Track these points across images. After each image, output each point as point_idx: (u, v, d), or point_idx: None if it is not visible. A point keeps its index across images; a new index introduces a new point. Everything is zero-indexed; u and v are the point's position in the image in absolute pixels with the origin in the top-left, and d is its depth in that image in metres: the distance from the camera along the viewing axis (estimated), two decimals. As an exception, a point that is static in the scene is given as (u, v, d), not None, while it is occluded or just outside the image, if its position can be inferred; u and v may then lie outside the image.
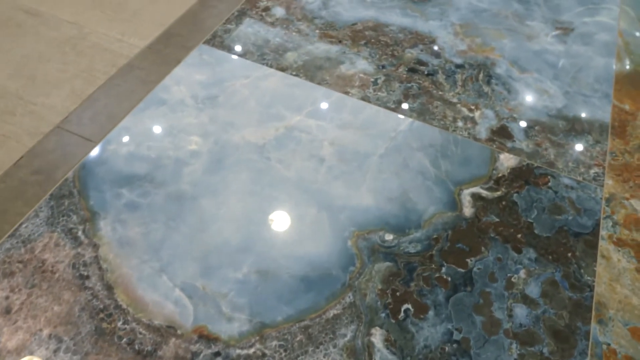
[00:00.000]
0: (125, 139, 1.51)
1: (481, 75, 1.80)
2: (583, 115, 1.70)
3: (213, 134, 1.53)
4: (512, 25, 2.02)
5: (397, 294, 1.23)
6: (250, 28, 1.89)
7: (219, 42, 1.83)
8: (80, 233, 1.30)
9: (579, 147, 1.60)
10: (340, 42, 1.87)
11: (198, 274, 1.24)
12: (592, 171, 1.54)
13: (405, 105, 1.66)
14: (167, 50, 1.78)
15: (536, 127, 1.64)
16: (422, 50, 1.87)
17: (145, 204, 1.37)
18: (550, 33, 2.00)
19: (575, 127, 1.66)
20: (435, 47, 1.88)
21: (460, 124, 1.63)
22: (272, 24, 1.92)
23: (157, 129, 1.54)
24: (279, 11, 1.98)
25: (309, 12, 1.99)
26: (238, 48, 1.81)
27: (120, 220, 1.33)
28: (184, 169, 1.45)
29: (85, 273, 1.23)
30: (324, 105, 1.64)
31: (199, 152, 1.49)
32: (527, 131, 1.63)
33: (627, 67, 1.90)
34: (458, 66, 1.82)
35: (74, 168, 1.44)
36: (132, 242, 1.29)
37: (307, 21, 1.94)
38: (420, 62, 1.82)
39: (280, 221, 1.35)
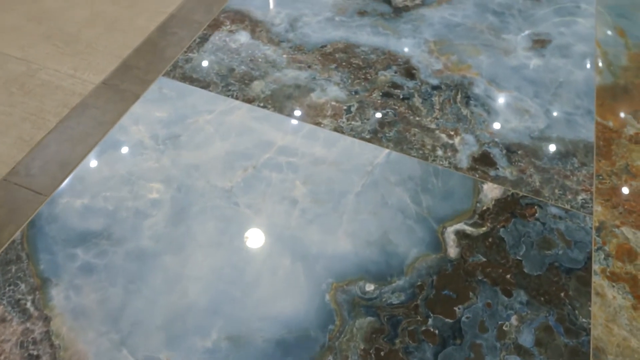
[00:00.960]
0: (80, 190, 1.38)
1: (459, 97, 1.70)
2: (566, 135, 1.62)
3: (175, 179, 1.40)
4: (487, 40, 1.93)
5: (382, 353, 1.13)
6: (213, 56, 1.77)
7: (180, 73, 1.69)
8: (29, 304, 1.17)
9: (564, 171, 1.51)
10: (309, 67, 1.76)
11: (162, 344, 1.12)
12: (579, 197, 1.46)
13: (381, 135, 1.56)
14: (124, 85, 1.65)
15: (519, 152, 1.56)
16: (396, 72, 1.76)
17: (102, 266, 1.23)
18: (527, 46, 1.92)
19: (559, 149, 1.58)
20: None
21: (439, 152, 1.53)
22: (237, 50, 1.79)
23: (114, 177, 1.40)
24: (243, 35, 1.85)
25: (275, 35, 1.87)
26: (201, 79, 1.68)
27: (74, 287, 1.20)
28: (145, 222, 1.32)
29: (35, 352, 1.10)
30: (295, 140, 1.52)
31: (160, 201, 1.36)
32: (509, 157, 1.54)
33: (607, 79, 1.83)
34: (434, 88, 1.72)
35: (22, 227, 1.30)
36: (88, 312, 1.16)
37: (274, 45, 1.83)
38: (395, 85, 1.72)
39: (251, 276, 1.23)
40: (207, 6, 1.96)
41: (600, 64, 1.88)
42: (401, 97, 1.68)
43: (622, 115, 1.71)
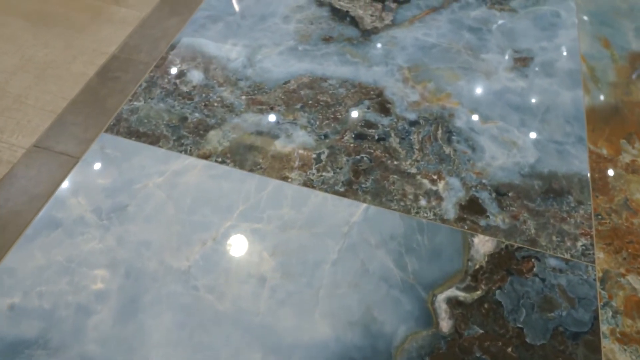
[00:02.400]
0: (8, 286, 1.20)
1: (440, 132, 1.57)
2: (559, 169, 1.50)
3: (123, 263, 1.24)
4: (466, 62, 1.81)
5: None
6: (162, 103, 1.60)
7: (125, 127, 1.52)
8: None
9: (560, 213, 1.40)
10: (272, 108, 1.60)
11: None
12: (579, 244, 1.34)
13: (356, 186, 1.42)
14: (60, 146, 1.47)
15: (510, 194, 1.44)
16: (368, 108, 1.62)
17: (38, 382, 1.07)
18: (509, 66, 1.80)
19: (553, 187, 1.46)
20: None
21: (423, 202, 1.40)
22: (189, 95, 1.63)
23: (50, 266, 1.23)
24: (195, 76, 1.69)
25: (232, 73, 1.70)
26: (149, 133, 1.51)
27: (5, 413, 1.03)
28: (89, 321, 1.15)
29: None
30: (259, 201, 1.37)
31: (106, 292, 1.19)
32: (500, 201, 1.42)
33: (597, 99, 1.72)
34: (412, 123, 1.59)
35: (-59, 339, 1.12)
36: None
37: (230, 85, 1.66)
38: (369, 124, 1.58)
39: (217, 380, 1.08)
40: (153, 43, 1.79)
41: (587, 82, 1.78)
42: (376, 137, 1.54)
43: (615, 140, 1.60)
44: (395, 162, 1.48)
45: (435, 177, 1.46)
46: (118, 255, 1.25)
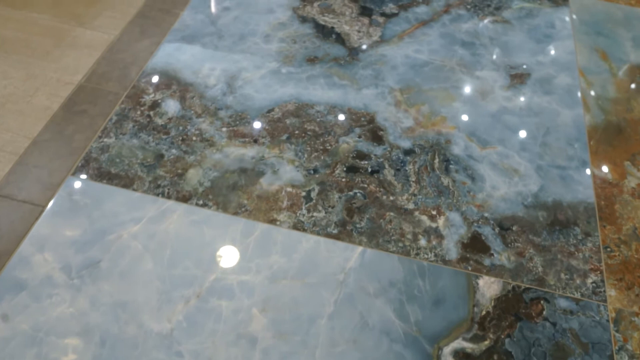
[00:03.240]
0: (-31, 361, 1.09)
1: (437, 162, 1.50)
2: (564, 197, 1.45)
3: (97, 329, 1.14)
4: (460, 80, 1.74)
5: None
6: (135, 139, 1.49)
7: (95, 169, 1.42)
8: None
9: (568, 247, 1.34)
10: (255, 141, 1.51)
11: None
12: (589, 281, 1.29)
13: (350, 227, 1.34)
14: (23, 194, 1.36)
15: (514, 228, 1.37)
16: (360, 137, 1.54)
17: None
18: (505, 84, 1.74)
19: (558, 218, 1.40)
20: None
21: (423, 242, 1.33)
22: (165, 128, 1.53)
23: (15, 337, 1.13)
24: (171, 106, 1.58)
25: (210, 102, 1.61)
26: (122, 174, 1.41)
27: None
28: (60, 399, 1.05)
29: None
30: (247, 249, 1.28)
31: (79, 364, 1.10)
32: (504, 236, 1.35)
33: (598, 117, 1.67)
34: (407, 152, 1.52)
35: None
36: None
37: (209, 116, 1.57)
38: (361, 155, 1.50)
39: None
40: (123, 69, 1.68)
41: (587, 99, 1.72)
42: (369, 170, 1.47)
43: (620, 162, 1.55)
44: (391, 198, 1.41)
45: (434, 212, 1.39)
46: (91, 320, 1.15)
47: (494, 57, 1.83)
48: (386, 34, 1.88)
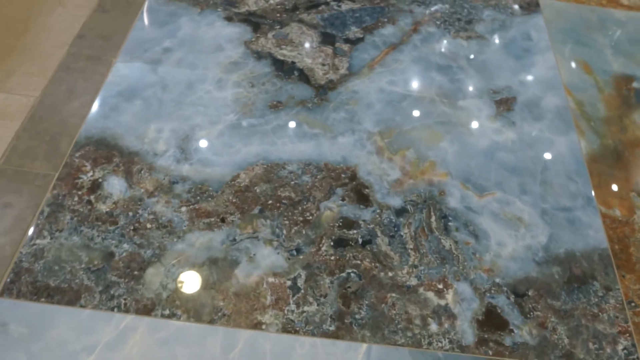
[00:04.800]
0: None
1: (434, 220, 1.32)
2: (575, 245, 1.30)
3: None
4: (443, 114, 1.55)
5: None
6: (76, 236, 1.22)
7: (29, 283, 1.14)
8: None
9: (590, 308, 1.20)
10: (223, 220, 1.27)
11: None
12: (620, 347, 1.15)
13: (349, 319, 1.14)
14: (-63, 331, 1.07)
15: (530, 292, 1.21)
16: (343, 199, 1.33)
17: None
18: (492, 113, 1.57)
19: (574, 273, 1.26)
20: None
21: (434, 327, 1.14)
22: (111, 216, 1.26)
23: None
24: (116, 186, 1.31)
25: (163, 174, 1.35)
26: (63, 286, 1.14)
27: None
28: None
29: None
30: (231, 369, 1.06)
31: None
32: (521, 305, 1.19)
33: (593, 142, 1.54)
34: (399, 212, 1.32)
35: None
36: None
37: (164, 193, 1.31)
38: (348, 223, 1.29)
39: None
40: (51, 142, 1.39)
41: (579, 121, 1.58)
42: (360, 241, 1.26)
43: (625, 194, 1.42)
44: (390, 274, 1.21)
45: (440, 285, 1.21)
46: None
47: (475, 81, 1.65)
48: (354, 64, 1.66)
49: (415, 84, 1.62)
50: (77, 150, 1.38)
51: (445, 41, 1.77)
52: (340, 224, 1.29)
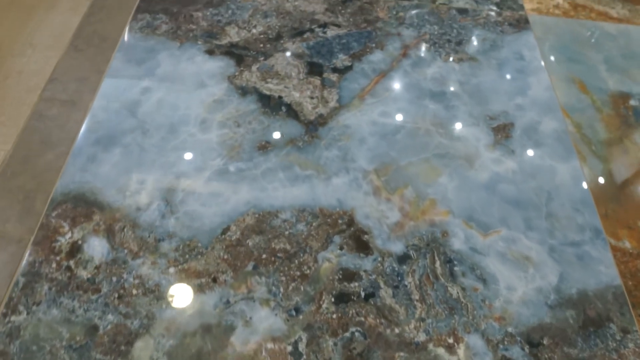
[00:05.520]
0: None
1: (438, 265, 1.23)
2: (587, 284, 1.23)
3: None
4: (440, 146, 1.47)
5: None
6: (55, 308, 1.11)
7: (4, 368, 1.03)
8: None
9: (609, 355, 1.12)
10: (215, 280, 1.18)
11: None
12: (642, 397, 1.08)
13: (357, 386, 1.05)
14: None
15: (544, 341, 1.14)
16: (342, 248, 1.24)
17: None
18: (490, 142, 1.49)
19: (589, 316, 1.18)
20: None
21: (447, 388, 1.06)
22: (93, 283, 1.15)
23: None
24: (97, 248, 1.21)
25: (147, 230, 1.24)
26: (44, 368, 1.03)
27: None
28: None
29: None
30: None
31: None
32: (537, 356, 1.11)
33: (596, 168, 1.47)
34: (401, 259, 1.24)
35: None
36: None
37: (149, 253, 1.21)
38: (348, 275, 1.20)
39: None
40: (25, 202, 1.27)
41: (579, 146, 1.51)
42: (362, 295, 1.17)
43: (633, 223, 1.36)
44: (397, 330, 1.13)
45: (450, 340, 1.12)
46: None
47: (470, 107, 1.58)
48: (344, 96, 1.57)
49: (408, 114, 1.54)
50: (54, 208, 1.27)
51: (436, 65, 1.69)
52: (341, 276, 1.20)
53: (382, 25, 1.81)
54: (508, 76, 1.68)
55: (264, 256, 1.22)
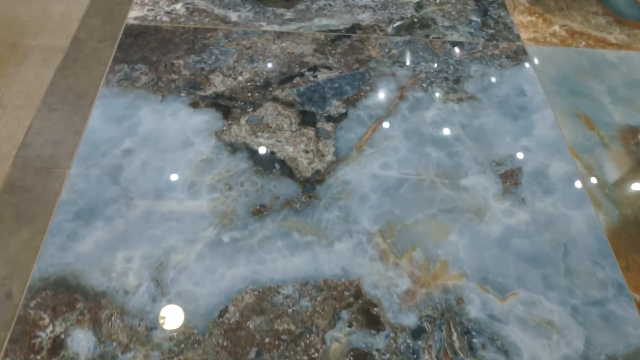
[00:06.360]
0: None
1: (455, 338, 1.16)
2: (616, 349, 1.16)
3: None
4: (447, 199, 1.40)
5: None
6: (37, 420, 1.01)
7: None
8: None
9: None
10: (215, 373, 1.08)
11: None
12: None
13: None
14: None
15: (576, 420, 1.07)
16: (351, 325, 1.16)
17: None
18: (498, 191, 1.43)
19: (620, 386, 1.11)
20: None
21: None
22: (79, 386, 1.05)
23: None
24: (82, 341, 1.11)
25: (137, 318, 1.15)
26: None
27: None
28: None
29: None
30: None
31: None
32: None
33: (611, 214, 1.41)
34: (416, 333, 1.16)
35: None
36: None
37: (141, 345, 1.11)
38: (359, 356, 1.12)
39: None
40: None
41: (591, 190, 1.45)
42: (377, 379, 1.09)
43: (656, 274, 1.30)
44: (417, 419, 1.05)
45: None
46: None
47: (474, 152, 1.51)
48: (341, 147, 1.50)
49: (411, 165, 1.47)
50: (32, 297, 1.17)
51: (435, 107, 1.63)
52: (352, 358, 1.12)
53: (375, 64, 1.74)
54: (511, 115, 1.62)
55: (266, 340, 1.13)
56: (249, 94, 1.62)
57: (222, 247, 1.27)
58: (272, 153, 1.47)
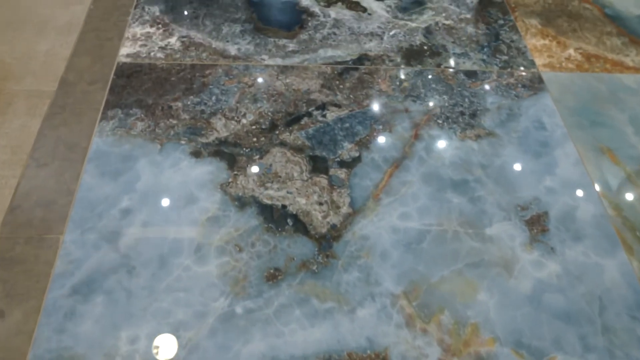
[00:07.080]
0: None
1: (494, 415, 1.08)
2: (663, 418, 1.10)
3: None
4: (472, 252, 1.33)
5: None
6: None
7: None
8: None
9: None
10: None
11: None
12: None
13: None
14: None
15: None
16: (381, 406, 1.08)
17: None
18: (526, 240, 1.36)
19: None
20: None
21: None
22: None
23: None
24: None
25: (148, 410, 1.06)
26: None
27: None
28: None
29: None
30: None
31: None
32: None
33: (646, 260, 1.35)
34: (451, 412, 1.08)
35: None
36: None
37: None
38: None
39: None
40: (-8, 387, 1.07)
41: (624, 234, 1.39)
42: None
43: (698, 329, 1.23)
44: None
45: None
46: None
47: (497, 196, 1.44)
48: (356, 197, 1.42)
49: (431, 214, 1.39)
50: (29, 391, 1.07)
51: (453, 146, 1.55)
52: None
53: (387, 100, 1.66)
54: (532, 152, 1.55)
55: None
56: (255, 139, 1.53)
57: (235, 319, 1.19)
58: (284, 207, 1.38)
